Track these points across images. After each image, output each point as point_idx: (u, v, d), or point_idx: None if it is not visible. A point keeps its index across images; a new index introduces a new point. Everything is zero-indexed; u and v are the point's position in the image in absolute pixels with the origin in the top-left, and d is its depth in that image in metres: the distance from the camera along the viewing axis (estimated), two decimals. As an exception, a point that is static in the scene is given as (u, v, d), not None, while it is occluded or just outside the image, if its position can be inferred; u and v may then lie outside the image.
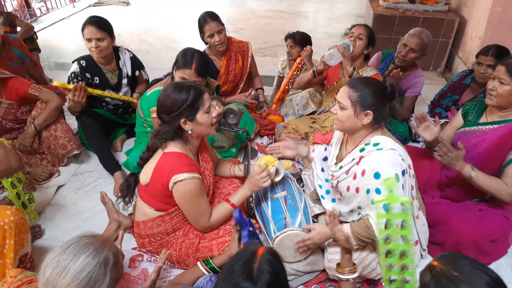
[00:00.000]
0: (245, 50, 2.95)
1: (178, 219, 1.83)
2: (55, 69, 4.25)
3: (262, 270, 1.03)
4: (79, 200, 2.46)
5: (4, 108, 2.44)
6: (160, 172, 1.69)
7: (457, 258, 1.03)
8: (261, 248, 1.11)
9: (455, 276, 0.98)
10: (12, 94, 2.42)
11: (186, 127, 1.72)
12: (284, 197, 1.97)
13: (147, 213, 1.82)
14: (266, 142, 2.96)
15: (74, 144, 2.63)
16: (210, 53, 2.87)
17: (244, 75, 3.00)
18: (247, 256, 1.08)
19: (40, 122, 2.47)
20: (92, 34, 2.47)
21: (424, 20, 4.00)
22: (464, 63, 3.91)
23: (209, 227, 1.83)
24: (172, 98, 1.68)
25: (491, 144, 1.92)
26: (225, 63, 2.87)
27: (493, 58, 2.48)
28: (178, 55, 2.22)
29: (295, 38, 3.08)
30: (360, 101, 1.66)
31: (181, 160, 1.69)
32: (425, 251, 1.94)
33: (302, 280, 1.91)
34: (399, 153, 1.64)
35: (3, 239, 1.60)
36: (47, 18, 5.77)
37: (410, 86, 2.79)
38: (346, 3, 6.82)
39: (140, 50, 4.62)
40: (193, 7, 6.46)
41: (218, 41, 2.70)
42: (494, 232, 1.90)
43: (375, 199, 1.55)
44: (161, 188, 1.71)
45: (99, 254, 1.15)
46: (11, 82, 2.41)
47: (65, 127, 2.60)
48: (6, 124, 2.50)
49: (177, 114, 1.68)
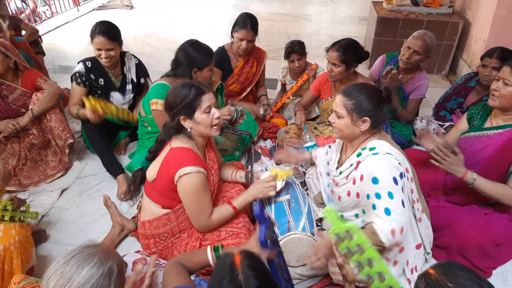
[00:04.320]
0: (261, 57, 3.03)
1: (184, 218, 1.83)
2: (59, 72, 4.27)
3: (248, 278, 1.04)
4: (83, 203, 2.46)
5: (17, 94, 2.56)
6: (167, 166, 1.72)
7: (454, 269, 1.02)
8: (236, 256, 1.11)
9: (449, 287, 0.97)
10: (28, 84, 2.59)
11: (185, 124, 1.77)
12: (287, 200, 1.96)
13: (153, 212, 1.83)
14: (270, 145, 2.96)
15: (68, 133, 2.66)
16: (230, 50, 2.95)
17: (254, 81, 3.06)
18: (228, 270, 1.07)
19: (38, 105, 2.52)
20: (102, 44, 2.47)
21: (428, 23, 3.98)
22: (469, 65, 3.89)
23: (207, 226, 1.83)
24: (175, 94, 1.76)
25: (496, 149, 1.91)
26: (241, 65, 2.95)
27: (498, 60, 2.46)
28: (196, 55, 2.28)
29: (298, 50, 3.01)
30: (356, 109, 1.66)
31: (188, 154, 1.73)
32: (429, 254, 1.92)
33: (306, 284, 1.90)
34: (395, 157, 1.64)
35: (11, 260, 1.62)
36: (51, 21, 5.81)
37: (415, 89, 2.78)
38: (349, 6, 6.82)
39: (144, 54, 4.64)
40: (196, 10, 6.49)
41: (244, 48, 2.80)
42: (499, 236, 1.89)
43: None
44: (167, 182, 1.72)
45: (103, 265, 1.14)
46: (27, 72, 2.60)
47: (59, 117, 2.63)
48: (13, 105, 2.57)
49: (177, 111, 1.75)
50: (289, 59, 3.08)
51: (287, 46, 3.06)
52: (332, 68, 2.47)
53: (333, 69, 2.47)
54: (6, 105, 2.54)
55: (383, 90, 1.72)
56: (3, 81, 2.49)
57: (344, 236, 1.29)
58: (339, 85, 2.60)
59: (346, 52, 2.40)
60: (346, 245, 1.31)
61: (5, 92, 2.53)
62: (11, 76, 2.53)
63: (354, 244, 1.29)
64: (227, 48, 2.96)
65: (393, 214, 1.56)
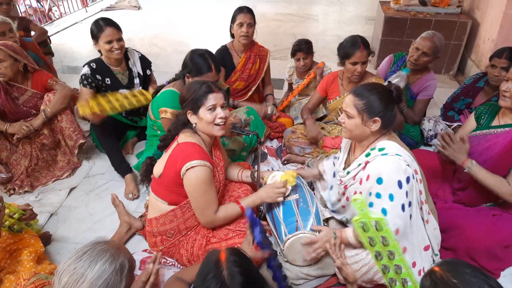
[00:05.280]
0: (265, 55, 3.08)
1: (190, 214, 1.84)
2: (68, 72, 4.31)
3: (233, 274, 1.05)
4: (91, 202, 2.48)
5: (28, 96, 2.60)
6: (174, 160, 1.75)
7: (459, 266, 1.02)
8: (222, 252, 1.12)
9: (453, 283, 0.97)
10: (38, 85, 2.63)
11: (191, 118, 1.84)
12: (296, 200, 1.96)
13: (160, 208, 1.85)
14: (276, 146, 2.96)
15: (79, 133, 2.69)
16: (232, 47, 3.01)
17: (258, 78, 3.09)
18: (213, 266, 1.08)
19: (50, 107, 2.55)
20: (113, 35, 2.53)
21: (436, 23, 3.96)
22: (477, 66, 3.86)
23: (212, 222, 1.84)
24: (188, 88, 1.86)
25: (503, 147, 1.89)
26: (243, 61, 2.99)
27: (507, 61, 2.45)
28: (191, 63, 2.21)
29: (304, 49, 3.02)
30: (366, 109, 1.65)
31: (195, 148, 1.76)
32: (437, 255, 1.91)
33: (313, 284, 1.90)
34: (404, 158, 1.63)
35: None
36: (60, 22, 5.87)
37: (423, 90, 2.77)
38: (356, 5, 6.79)
39: (151, 54, 4.66)
40: (203, 11, 6.52)
41: (245, 33, 2.83)
42: (507, 237, 1.87)
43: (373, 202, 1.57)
44: (173, 176, 1.75)
45: (115, 261, 1.15)
46: (36, 74, 2.63)
47: (70, 117, 2.66)
48: (23, 107, 2.60)
49: (186, 104, 1.84)
50: (295, 57, 3.10)
51: (294, 44, 3.08)
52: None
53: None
54: (16, 107, 2.57)
55: (393, 90, 1.72)
56: (14, 83, 2.52)
57: (371, 226, 1.31)
58: (347, 84, 2.59)
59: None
60: (371, 234, 1.32)
61: (15, 94, 2.56)
62: (21, 78, 2.56)
63: (379, 236, 1.30)
64: (229, 46, 3.02)
65: (389, 215, 1.56)
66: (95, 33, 2.54)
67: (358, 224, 1.34)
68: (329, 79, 2.69)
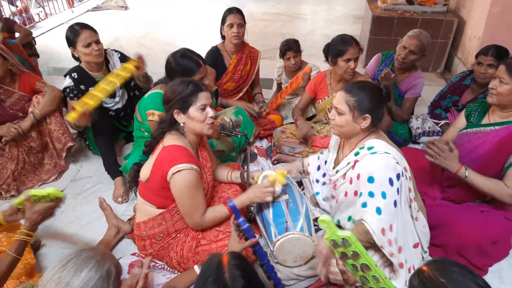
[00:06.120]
0: (255, 56, 3.09)
1: (179, 217, 1.82)
2: (54, 74, 4.24)
3: (234, 277, 1.05)
4: (78, 206, 2.44)
5: (15, 98, 2.55)
6: (160, 164, 1.72)
7: (447, 265, 1.03)
8: (224, 256, 1.12)
9: (441, 282, 0.98)
10: (26, 87, 2.58)
11: (179, 118, 1.78)
12: (286, 200, 1.95)
13: (148, 212, 1.82)
14: (266, 145, 2.95)
15: (68, 136, 2.66)
16: (223, 48, 3.00)
17: (249, 79, 3.09)
18: (215, 269, 1.08)
19: (39, 109, 2.50)
20: (91, 37, 2.47)
21: (422, 21, 3.99)
22: (464, 63, 3.90)
23: (201, 224, 1.82)
24: (172, 88, 1.79)
25: (493, 145, 1.91)
26: (235, 62, 2.98)
27: (493, 58, 2.48)
28: (178, 67, 2.15)
29: (294, 47, 3.00)
30: (358, 106, 1.67)
31: (181, 151, 1.73)
32: (426, 253, 1.92)
33: (303, 284, 1.89)
34: (393, 156, 1.64)
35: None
36: (45, 23, 5.77)
37: (410, 88, 2.79)
38: (344, 4, 6.82)
39: (139, 54, 4.62)
40: (191, 11, 6.48)
41: (236, 33, 2.81)
42: (495, 234, 1.89)
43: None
44: (160, 180, 1.72)
45: (101, 268, 1.12)
46: (24, 76, 2.59)
47: (59, 120, 2.62)
48: (10, 110, 2.55)
49: (172, 104, 1.77)
50: (284, 57, 3.08)
51: (282, 44, 3.06)
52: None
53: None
54: (3, 109, 2.51)
55: (383, 88, 1.74)
56: (1, 85, 2.47)
57: (341, 243, 1.32)
58: (335, 84, 2.60)
59: None
60: (342, 250, 1.34)
61: (2, 97, 2.50)
62: (8, 80, 2.51)
63: (350, 251, 1.32)
64: (220, 47, 3.00)
65: (383, 214, 1.58)
66: (71, 38, 2.48)
67: (329, 241, 1.35)
68: (317, 79, 2.69)
